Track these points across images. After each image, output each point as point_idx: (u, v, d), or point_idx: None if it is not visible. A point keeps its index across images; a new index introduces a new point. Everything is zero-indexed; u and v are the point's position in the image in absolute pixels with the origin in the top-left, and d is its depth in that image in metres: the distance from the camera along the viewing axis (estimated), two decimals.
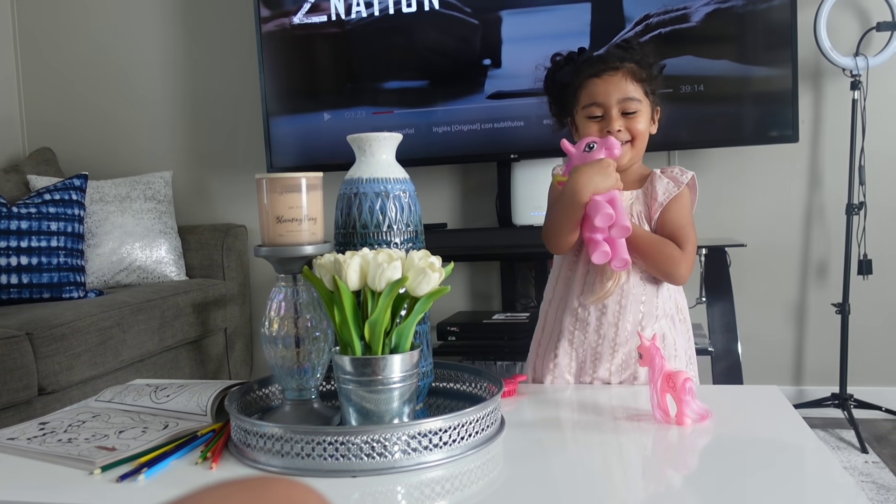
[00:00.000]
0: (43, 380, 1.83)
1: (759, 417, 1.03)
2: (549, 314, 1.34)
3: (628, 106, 1.25)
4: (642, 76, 1.26)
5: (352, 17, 2.47)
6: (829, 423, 2.34)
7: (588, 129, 1.27)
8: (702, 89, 2.22)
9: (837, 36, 2.29)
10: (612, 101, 1.25)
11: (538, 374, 1.32)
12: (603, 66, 1.26)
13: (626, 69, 1.25)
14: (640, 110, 1.25)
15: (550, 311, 1.34)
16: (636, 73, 1.26)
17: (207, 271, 2.68)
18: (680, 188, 1.26)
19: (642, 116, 1.26)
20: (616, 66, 1.25)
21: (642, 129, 1.26)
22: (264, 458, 0.88)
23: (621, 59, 1.26)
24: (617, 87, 1.25)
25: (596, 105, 1.26)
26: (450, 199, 2.71)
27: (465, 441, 0.89)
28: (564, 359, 1.28)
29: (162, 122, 2.95)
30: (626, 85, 1.25)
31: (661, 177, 1.28)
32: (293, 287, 1.00)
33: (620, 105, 1.25)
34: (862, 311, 2.38)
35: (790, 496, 0.78)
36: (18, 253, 2.20)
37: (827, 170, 2.44)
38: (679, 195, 1.26)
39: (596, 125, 1.27)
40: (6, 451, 0.97)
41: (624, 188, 1.30)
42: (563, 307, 1.30)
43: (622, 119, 1.25)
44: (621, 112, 1.25)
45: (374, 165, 1.06)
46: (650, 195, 1.27)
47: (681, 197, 1.27)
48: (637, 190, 1.30)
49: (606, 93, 1.25)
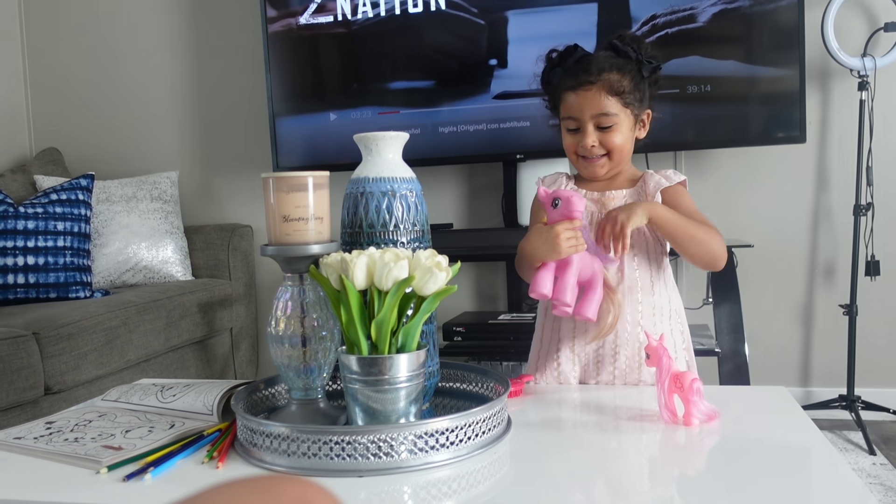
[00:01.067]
0: (49, 379, 1.83)
1: (766, 418, 1.03)
2: (545, 324, 1.33)
3: (603, 121, 1.23)
4: (621, 88, 1.23)
5: (358, 18, 2.47)
6: (837, 424, 2.33)
7: (566, 141, 1.28)
8: (708, 90, 2.22)
9: (845, 36, 2.28)
10: (586, 117, 1.24)
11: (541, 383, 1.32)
12: (578, 81, 1.23)
13: (602, 82, 1.22)
14: (616, 123, 1.24)
15: (547, 321, 1.32)
16: (613, 86, 1.22)
17: (213, 271, 2.68)
18: (671, 183, 1.26)
19: (619, 129, 1.24)
20: (592, 80, 1.22)
21: (619, 143, 1.25)
22: (270, 458, 0.88)
23: (601, 69, 1.23)
24: (591, 103, 1.23)
25: (571, 119, 1.25)
26: (455, 199, 2.71)
27: (471, 441, 0.88)
28: (567, 365, 1.27)
29: (168, 122, 2.96)
30: (601, 100, 1.22)
31: (652, 174, 1.29)
32: (300, 286, 1.00)
33: (595, 120, 1.23)
34: (869, 312, 2.37)
35: (798, 497, 0.78)
36: (25, 253, 2.21)
37: (834, 171, 2.43)
38: (680, 193, 1.27)
39: (572, 137, 1.27)
40: (13, 450, 0.97)
41: (616, 187, 1.31)
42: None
43: (597, 133, 1.24)
44: (597, 126, 1.24)
45: (380, 165, 1.06)
46: (643, 191, 1.28)
47: (682, 193, 1.27)
48: (629, 189, 1.30)
49: (580, 108, 1.24)
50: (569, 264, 1.12)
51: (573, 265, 1.12)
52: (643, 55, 1.26)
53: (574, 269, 1.12)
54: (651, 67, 1.26)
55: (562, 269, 1.12)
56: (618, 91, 1.23)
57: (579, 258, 1.13)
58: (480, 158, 2.49)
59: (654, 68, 1.27)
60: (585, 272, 1.15)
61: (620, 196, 1.29)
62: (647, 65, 1.26)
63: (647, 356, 1.02)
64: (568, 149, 1.29)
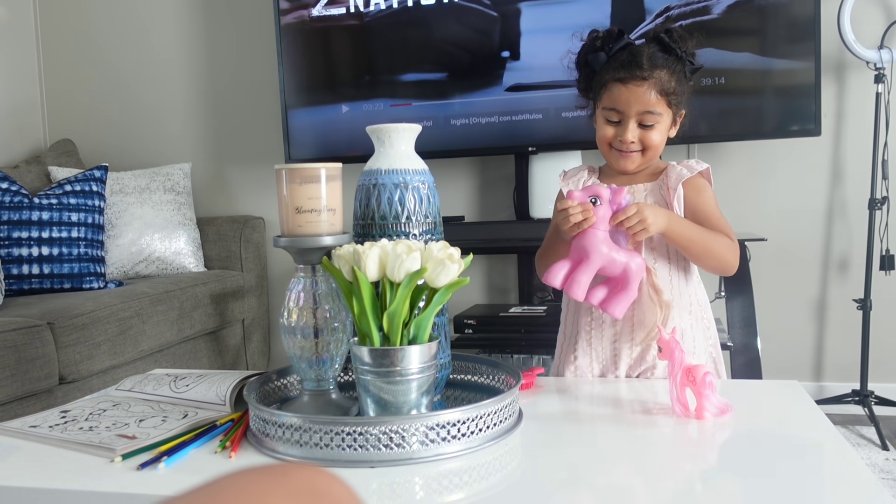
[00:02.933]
0: (64, 369, 1.85)
1: (779, 412, 1.02)
2: (567, 316, 1.33)
3: (647, 119, 1.22)
4: (670, 88, 1.21)
5: (370, 10, 2.46)
6: (850, 419, 2.32)
7: (603, 130, 1.25)
8: (723, 82, 2.20)
9: (861, 28, 2.25)
10: (631, 112, 1.21)
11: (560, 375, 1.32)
12: (630, 74, 1.20)
13: (654, 80, 1.19)
14: (659, 122, 1.22)
15: (569, 314, 1.33)
16: (664, 85, 1.20)
17: (225, 262, 2.70)
18: (692, 173, 1.24)
19: (660, 127, 1.23)
20: (644, 76, 1.19)
21: (657, 142, 1.24)
22: (283, 448, 0.88)
23: (654, 65, 1.20)
24: (639, 99, 1.20)
25: (615, 111, 1.23)
26: (467, 191, 2.71)
27: (482, 433, 0.89)
28: (584, 359, 1.27)
29: (181, 114, 2.97)
30: (650, 97, 1.20)
31: (675, 166, 1.27)
32: (312, 278, 1.01)
33: (639, 116, 1.22)
34: (884, 306, 2.35)
35: (811, 492, 0.77)
36: (40, 243, 2.22)
37: (849, 164, 2.41)
38: (701, 187, 1.25)
39: (611, 128, 1.24)
40: (28, 438, 0.98)
41: (638, 181, 1.29)
42: (578, 307, 1.29)
43: (638, 129, 1.23)
44: (639, 122, 1.22)
45: (393, 157, 1.06)
46: (665, 184, 1.26)
47: (704, 188, 1.26)
48: (651, 182, 1.28)
49: (627, 102, 1.21)
50: (585, 260, 1.10)
51: (590, 261, 1.10)
52: (687, 54, 1.23)
53: (590, 266, 1.10)
54: (693, 68, 1.24)
55: (578, 264, 1.11)
56: (667, 91, 1.21)
57: (600, 256, 1.10)
58: (492, 151, 2.49)
59: (696, 69, 1.25)
60: (613, 269, 1.11)
61: (641, 190, 1.27)
62: (690, 65, 1.24)
63: (660, 349, 1.01)
64: (602, 139, 1.26)
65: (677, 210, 1.23)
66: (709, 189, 1.27)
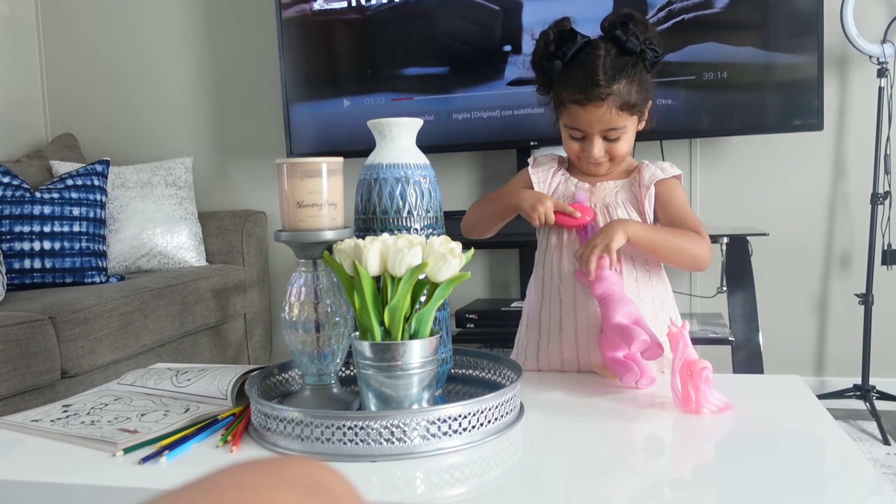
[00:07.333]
0: (66, 363, 1.85)
1: (780, 407, 1.02)
2: (541, 311, 1.30)
3: (611, 134, 1.20)
4: (631, 100, 1.17)
5: (372, 4, 2.46)
6: (851, 414, 2.32)
7: (569, 144, 1.25)
8: (725, 76, 2.20)
9: (864, 22, 2.25)
10: (594, 131, 1.20)
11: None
12: (587, 95, 1.16)
13: (613, 97, 1.16)
14: (624, 133, 1.21)
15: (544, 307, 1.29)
16: (624, 98, 1.17)
17: (227, 257, 2.70)
18: (667, 175, 1.24)
19: (626, 137, 1.22)
20: (602, 96, 1.15)
21: (624, 151, 1.23)
22: (284, 442, 0.88)
23: (611, 79, 1.15)
24: (600, 119, 1.18)
25: (577, 129, 1.22)
26: (469, 186, 2.71)
27: (484, 427, 0.89)
28: (554, 348, 1.25)
29: (183, 108, 2.96)
30: (611, 115, 1.17)
31: (648, 165, 1.26)
32: (313, 272, 1.00)
33: (603, 133, 1.21)
34: (885, 301, 2.35)
35: (812, 486, 0.77)
36: (41, 238, 2.23)
37: (851, 159, 2.40)
38: (672, 186, 1.25)
39: (577, 144, 1.23)
40: (30, 432, 0.99)
41: (610, 178, 1.29)
42: (548, 303, 1.27)
43: (604, 143, 1.22)
44: (603, 137, 1.21)
45: (394, 151, 1.06)
46: (637, 182, 1.26)
47: (675, 187, 1.25)
48: (623, 179, 1.28)
49: (589, 123, 1.19)
50: (643, 319, 1.10)
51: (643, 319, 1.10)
52: (647, 43, 1.19)
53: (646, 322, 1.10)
54: (653, 60, 1.20)
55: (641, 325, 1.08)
56: (628, 103, 1.18)
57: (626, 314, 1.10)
58: (494, 145, 2.48)
59: (656, 59, 1.21)
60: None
61: (612, 187, 1.27)
62: (653, 53, 1.19)
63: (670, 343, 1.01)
64: (569, 151, 1.27)
65: (648, 208, 1.23)
66: (680, 188, 1.26)
